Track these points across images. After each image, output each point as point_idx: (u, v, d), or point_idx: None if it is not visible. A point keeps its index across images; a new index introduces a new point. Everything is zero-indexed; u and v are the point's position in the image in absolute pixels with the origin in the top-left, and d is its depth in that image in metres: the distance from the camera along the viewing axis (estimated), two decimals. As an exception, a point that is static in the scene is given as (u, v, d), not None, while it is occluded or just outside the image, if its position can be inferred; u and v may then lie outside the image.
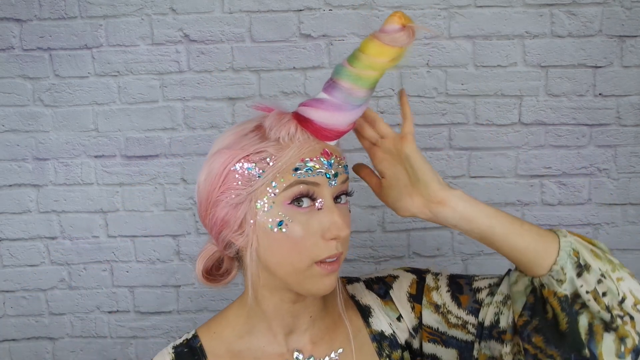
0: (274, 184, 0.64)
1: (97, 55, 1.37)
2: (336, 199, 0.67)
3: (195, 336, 0.75)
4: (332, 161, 0.66)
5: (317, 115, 0.65)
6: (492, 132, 1.37)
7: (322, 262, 0.64)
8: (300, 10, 1.34)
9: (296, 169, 0.63)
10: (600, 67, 1.34)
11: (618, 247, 1.40)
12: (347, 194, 0.69)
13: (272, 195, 0.64)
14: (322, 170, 0.64)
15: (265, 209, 0.65)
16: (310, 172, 0.63)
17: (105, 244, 1.44)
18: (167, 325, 1.46)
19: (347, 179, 0.68)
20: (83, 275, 1.45)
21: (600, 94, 1.35)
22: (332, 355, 0.72)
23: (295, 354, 0.72)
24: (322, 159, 0.65)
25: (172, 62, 1.37)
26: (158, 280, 1.45)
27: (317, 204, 0.65)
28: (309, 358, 0.72)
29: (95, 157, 1.40)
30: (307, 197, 0.64)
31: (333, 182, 0.65)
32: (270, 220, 0.64)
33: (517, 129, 1.37)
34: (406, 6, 1.32)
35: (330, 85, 0.66)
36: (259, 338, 0.72)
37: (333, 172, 0.65)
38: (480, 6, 1.32)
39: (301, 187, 0.64)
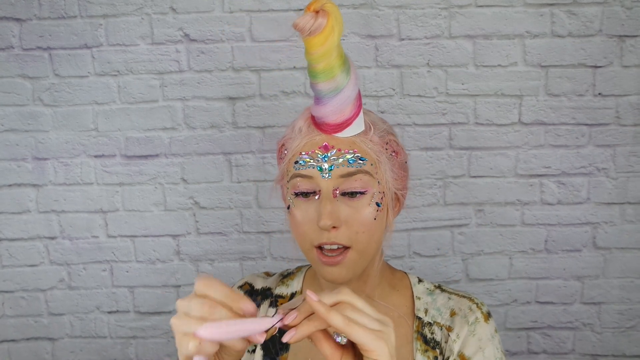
0: (288, 173, 0.70)
1: (97, 55, 1.36)
2: (347, 194, 0.66)
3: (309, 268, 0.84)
4: (330, 155, 0.66)
5: (313, 110, 0.69)
6: (492, 132, 1.38)
7: (320, 248, 0.67)
8: (301, 9, 1.34)
9: (296, 162, 0.68)
10: (600, 66, 1.34)
11: (616, 246, 1.41)
12: (361, 192, 0.66)
13: (286, 181, 0.70)
14: (314, 163, 0.66)
15: (286, 190, 0.71)
16: (303, 165, 0.67)
17: (105, 244, 1.43)
18: (167, 325, 1.46)
19: (357, 172, 0.66)
20: (83, 276, 1.45)
21: (599, 94, 1.35)
22: None
23: None
24: (317, 152, 0.66)
25: (172, 61, 1.36)
26: (158, 280, 1.45)
27: (317, 195, 0.67)
28: None
29: (95, 156, 1.40)
30: (306, 193, 0.67)
31: (326, 175, 0.66)
32: (287, 199, 0.71)
33: (517, 129, 1.37)
34: (406, 6, 1.33)
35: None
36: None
37: (327, 166, 0.66)
38: (481, 6, 1.33)
39: (298, 181, 0.67)
